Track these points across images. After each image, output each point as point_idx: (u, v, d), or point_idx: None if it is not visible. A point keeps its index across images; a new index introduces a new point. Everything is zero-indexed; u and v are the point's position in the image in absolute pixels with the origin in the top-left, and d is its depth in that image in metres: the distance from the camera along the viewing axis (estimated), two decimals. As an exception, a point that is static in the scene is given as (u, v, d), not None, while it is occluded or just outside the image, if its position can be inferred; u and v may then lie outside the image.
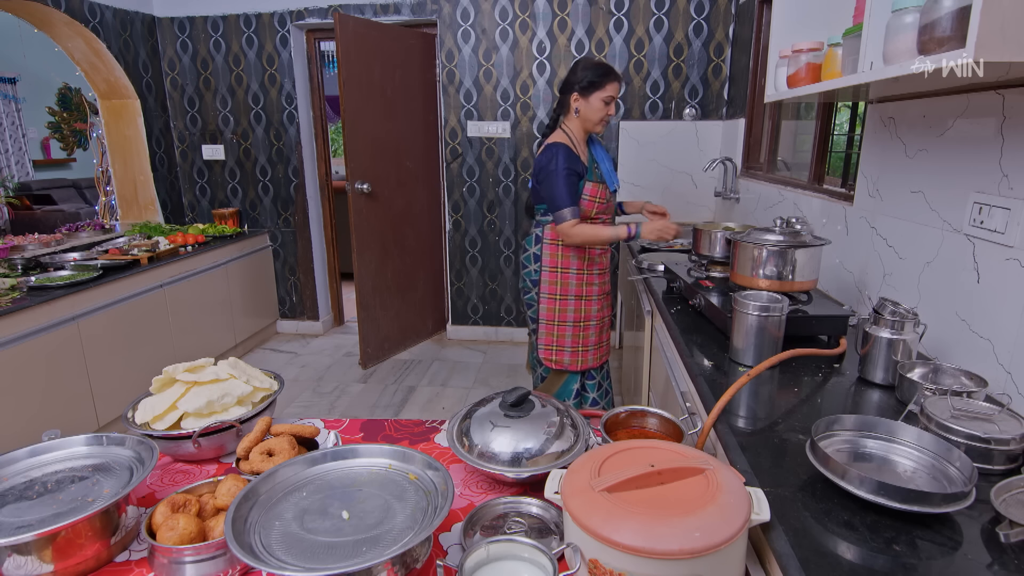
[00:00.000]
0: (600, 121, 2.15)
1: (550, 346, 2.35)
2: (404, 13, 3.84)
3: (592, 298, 2.31)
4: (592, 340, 2.36)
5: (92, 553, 0.88)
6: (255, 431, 1.11)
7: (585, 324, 2.32)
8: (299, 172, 4.27)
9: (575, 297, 2.29)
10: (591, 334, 2.35)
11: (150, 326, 3.20)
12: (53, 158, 7.19)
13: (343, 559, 0.76)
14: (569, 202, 2.07)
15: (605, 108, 2.12)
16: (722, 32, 3.60)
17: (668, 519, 0.69)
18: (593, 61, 2.14)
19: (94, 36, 3.60)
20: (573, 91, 2.12)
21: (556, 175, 2.07)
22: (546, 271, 2.28)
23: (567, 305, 2.29)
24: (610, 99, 2.12)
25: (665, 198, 3.89)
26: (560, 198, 2.07)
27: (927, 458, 0.90)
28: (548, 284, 2.29)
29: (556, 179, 2.07)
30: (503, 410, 1.11)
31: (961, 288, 1.29)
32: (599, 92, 2.09)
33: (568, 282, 2.28)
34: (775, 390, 1.25)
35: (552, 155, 2.09)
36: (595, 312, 2.33)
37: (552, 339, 2.34)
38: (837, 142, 2.30)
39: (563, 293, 2.29)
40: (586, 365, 2.36)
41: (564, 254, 2.26)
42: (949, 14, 0.91)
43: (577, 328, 2.32)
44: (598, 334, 2.38)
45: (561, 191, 2.07)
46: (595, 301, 2.32)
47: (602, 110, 2.12)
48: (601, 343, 2.41)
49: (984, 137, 1.24)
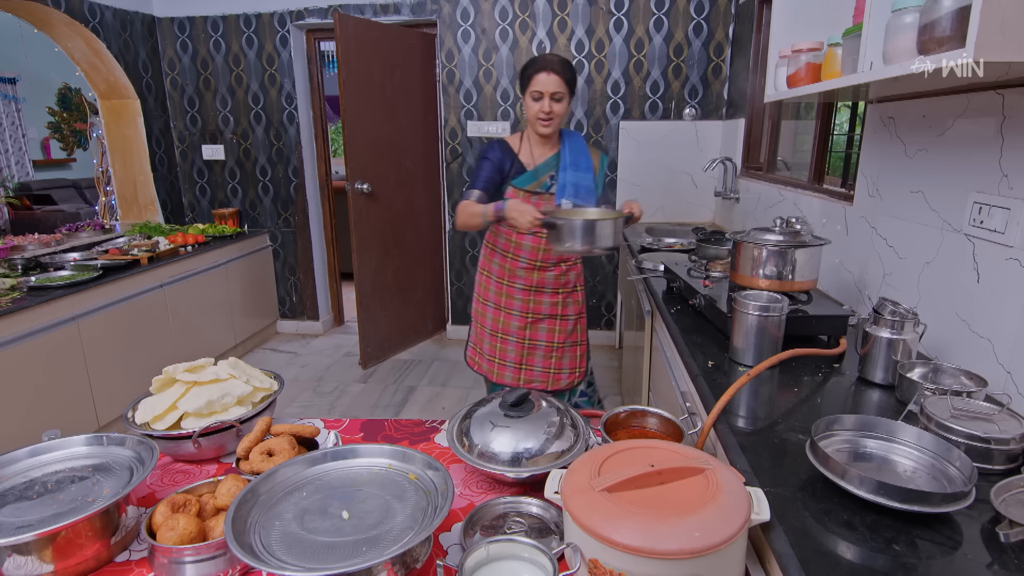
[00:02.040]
0: (536, 120, 1.94)
1: (475, 346, 2.28)
2: (404, 13, 3.84)
3: (513, 313, 2.14)
4: (511, 357, 2.18)
5: (92, 553, 0.88)
6: (255, 431, 1.11)
7: (504, 337, 2.17)
8: (299, 172, 4.27)
9: (494, 306, 2.17)
10: (510, 350, 2.17)
11: (150, 326, 3.20)
12: (53, 158, 7.18)
13: (343, 559, 0.76)
14: (478, 185, 1.98)
15: (536, 105, 1.90)
16: (722, 32, 3.60)
17: (668, 519, 0.69)
18: (536, 55, 1.95)
19: (94, 36, 3.60)
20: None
21: (479, 163, 2.01)
22: (478, 271, 2.24)
23: (486, 310, 2.20)
24: (538, 95, 1.88)
25: (665, 198, 3.89)
26: (473, 179, 2.00)
27: (927, 458, 0.90)
28: (476, 284, 2.24)
29: (477, 166, 2.02)
30: (503, 410, 1.11)
31: (961, 288, 1.29)
32: (528, 87, 1.91)
33: (489, 287, 2.18)
34: (775, 390, 1.25)
35: (486, 147, 2.03)
36: (515, 329, 2.15)
37: (476, 339, 2.27)
38: (837, 142, 2.30)
39: (484, 297, 2.20)
40: (503, 380, 2.18)
41: (488, 256, 2.19)
42: (949, 14, 0.91)
43: (495, 338, 2.19)
44: (520, 354, 2.17)
45: (476, 174, 2.00)
46: (516, 318, 2.14)
47: (532, 107, 1.91)
48: (530, 367, 2.18)
49: (984, 137, 1.24)
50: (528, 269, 2.10)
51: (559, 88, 1.88)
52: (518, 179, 2.01)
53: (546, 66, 1.86)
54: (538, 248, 2.07)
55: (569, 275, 2.16)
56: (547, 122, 1.92)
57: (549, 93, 1.87)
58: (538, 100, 1.89)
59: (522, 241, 2.08)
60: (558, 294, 2.16)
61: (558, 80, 1.87)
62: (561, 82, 1.87)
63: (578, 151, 2.03)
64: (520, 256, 2.10)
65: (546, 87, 1.87)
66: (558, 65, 1.88)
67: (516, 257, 2.10)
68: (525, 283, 2.11)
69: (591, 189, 2.01)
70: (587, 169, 2.01)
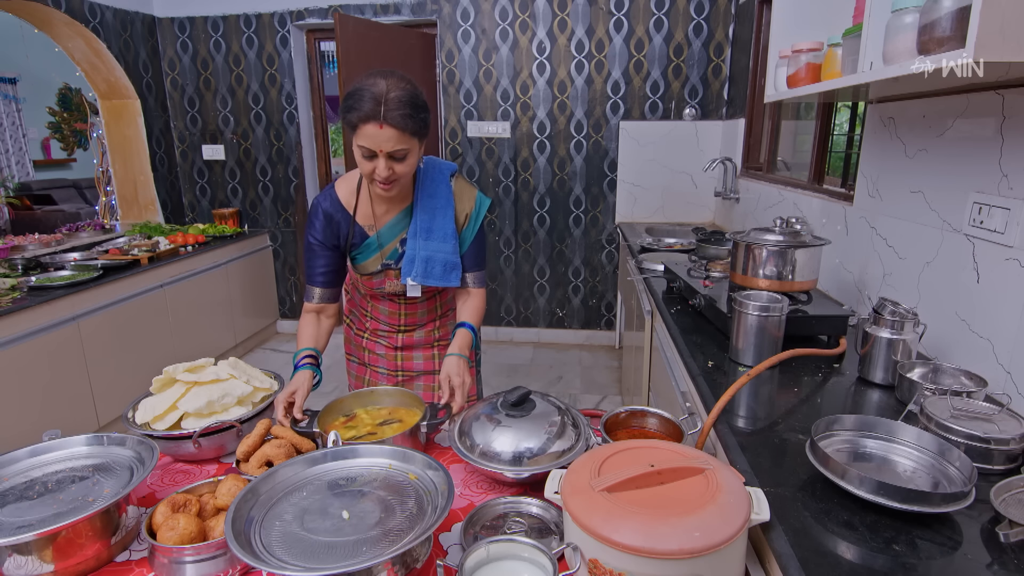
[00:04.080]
0: (370, 179, 1.30)
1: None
2: (404, 13, 3.84)
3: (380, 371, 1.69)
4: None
5: (92, 553, 0.88)
6: (255, 434, 1.11)
7: None
8: (299, 172, 4.27)
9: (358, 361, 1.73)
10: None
11: (150, 326, 3.20)
12: (53, 158, 7.19)
13: (343, 559, 0.76)
14: (316, 280, 1.47)
15: (368, 164, 1.26)
16: (722, 32, 3.60)
17: (668, 519, 0.69)
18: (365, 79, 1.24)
19: (94, 36, 3.61)
20: None
21: (306, 245, 1.48)
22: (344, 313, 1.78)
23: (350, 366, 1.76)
24: (368, 152, 1.24)
25: (665, 198, 3.89)
26: (307, 271, 1.49)
27: (927, 458, 0.90)
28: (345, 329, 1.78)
29: (306, 249, 1.48)
30: (504, 409, 1.11)
31: (961, 288, 1.29)
32: (353, 135, 1.25)
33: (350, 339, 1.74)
34: (775, 390, 1.25)
35: (310, 216, 1.47)
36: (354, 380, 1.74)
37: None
38: (837, 142, 2.30)
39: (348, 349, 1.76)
40: None
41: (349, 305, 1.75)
42: (949, 14, 0.91)
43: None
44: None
45: (307, 263, 1.48)
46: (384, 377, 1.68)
47: (364, 165, 1.27)
48: None
49: (984, 137, 1.24)
50: (390, 332, 1.65)
51: (401, 144, 1.23)
52: (357, 254, 1.48)
53: (375, 116, 1.20)
54: (398, 313, 1.62)
55: (445, 327, 1.70)
56: (387, 186, 1.31)
57: (385, 152, 1.24)
58: (370, 159, 1.26)
59: (379, 306, 1.62)
60: (431, 347, 1.69)
61: (396, 135, 1.22)
62: (403, 136, 1.23)
63: (432, 206, 1.44)
64: (380, 319, 1.65)
65: (378, 144, 1.22)
66: (397, 114, 1.20)
67: (376, 319, 1.66)
68: (389, 342, 1.66)
69: (448, 264, 1.47)
70: (443, 238, 1.45)
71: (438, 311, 1.67)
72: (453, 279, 1.49)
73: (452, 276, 1.48)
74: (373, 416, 1.31)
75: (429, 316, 1.66)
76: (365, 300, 1.64)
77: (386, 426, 1.25)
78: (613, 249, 4.08)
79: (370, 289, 1.56)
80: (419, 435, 1.20)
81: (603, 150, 3.90)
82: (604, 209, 4.01)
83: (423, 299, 1.60)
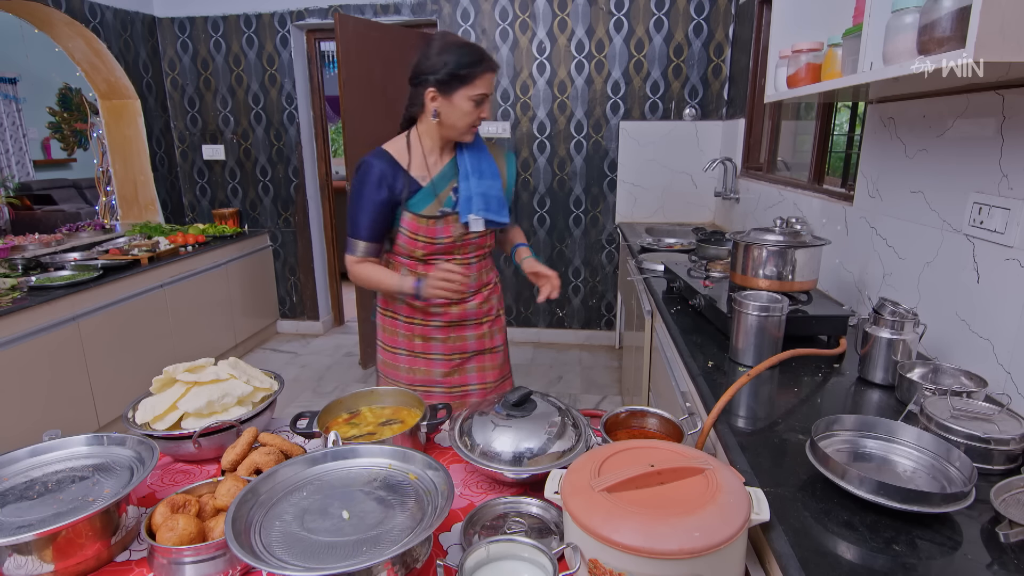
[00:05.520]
0: (469, 129, 1.55)
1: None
2: (404, 13, 3.84)
3: (434, 358, 1.72)
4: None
5: (92, 553, 0.88)
6: (241, 442, 1.09)
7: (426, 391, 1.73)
8: (299, 172, 4.27)
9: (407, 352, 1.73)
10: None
11: (150, 326, 3.20)
12: (53, 158, 7.19)
13: (343, 559, 0.76)
14: (362, 234, 1.58)
15: (476, 110, 1.51)
16: (722, 32, 3.60)
17: (668, 519, 0.69)
18: (458, 42, 1.49)
19: (94, 36, 3.61)
20: (429, 85, 1.49)
21: (356, 200, 1.57)
22: (378, 311, 1.78)
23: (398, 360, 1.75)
24: (481, 97, 1.49)
25: (665, 198, 3.89)
26: (353, 226, 1.59)
27: (927, 458, 0.90)
28: (379, 329, 1.78)
29: (354, 204, 1.58)
30: (505, 409, 1.11)
31: (961, 288, 1.29)
32: (465, 89, 1.47)
33: (396, 330, 1.73)
34: (775, 390, 1.25)
35: (361, 174, 1.57)
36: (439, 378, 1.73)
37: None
38: (837, 142, 2.30)
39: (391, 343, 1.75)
40: None
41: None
42: (949, 14, 0.91)
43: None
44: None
45: (355, 218, 1.58)
46: (439, 363, 1.72)
47: (472, 113, 1.51)
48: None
49: (984, 137, 1.24)
50: (445, 303, 1.66)
51: None
52: (413, 201, 1.57)
53: (494, 66, 1.51)
54: None
55: (492, 299, 1.77)
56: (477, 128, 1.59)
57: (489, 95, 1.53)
58: (480, 104, 1.51)
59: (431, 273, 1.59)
60: (483, 324, 1.75)
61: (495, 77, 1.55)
62: None
63: (478, 153, 1.63)
64: None
65: (491, 87, 1.52)
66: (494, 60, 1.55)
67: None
68: (443, 319, 1.68)
69: (501, 200, 1.63)
70: (493, 176, 1.63)
71: (483, 277, 1.74)
72: (505, 215, 1.64)
73: (504, 212, 1.64)
74: (376, 415, 1.31)
75: (478, 281, 1.72)
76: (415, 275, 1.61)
77: (386, 426, 1.25)
78: (613, 249, 4.08)
79: (430, 240, 1.59)
80: (419, 435, 1.20)
81: (603, 150, 3.90)
82: (604, 209, 4.01)
83: (474, 259, 1.69)
